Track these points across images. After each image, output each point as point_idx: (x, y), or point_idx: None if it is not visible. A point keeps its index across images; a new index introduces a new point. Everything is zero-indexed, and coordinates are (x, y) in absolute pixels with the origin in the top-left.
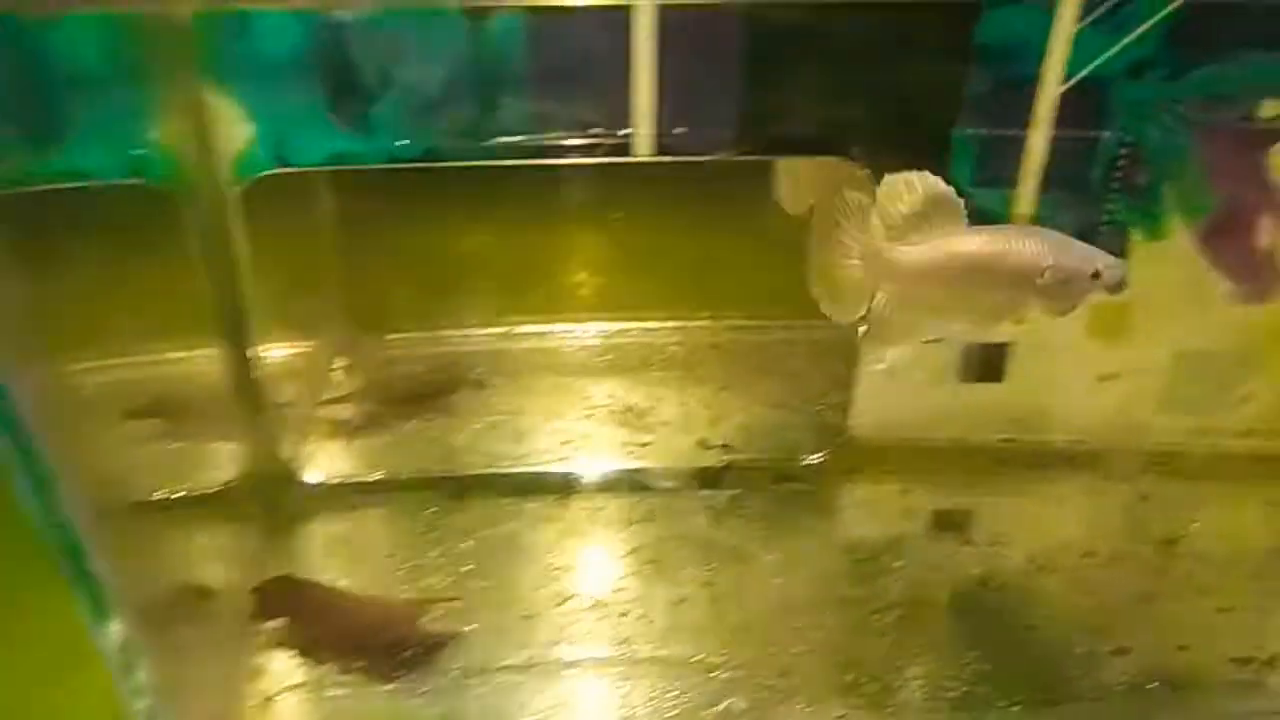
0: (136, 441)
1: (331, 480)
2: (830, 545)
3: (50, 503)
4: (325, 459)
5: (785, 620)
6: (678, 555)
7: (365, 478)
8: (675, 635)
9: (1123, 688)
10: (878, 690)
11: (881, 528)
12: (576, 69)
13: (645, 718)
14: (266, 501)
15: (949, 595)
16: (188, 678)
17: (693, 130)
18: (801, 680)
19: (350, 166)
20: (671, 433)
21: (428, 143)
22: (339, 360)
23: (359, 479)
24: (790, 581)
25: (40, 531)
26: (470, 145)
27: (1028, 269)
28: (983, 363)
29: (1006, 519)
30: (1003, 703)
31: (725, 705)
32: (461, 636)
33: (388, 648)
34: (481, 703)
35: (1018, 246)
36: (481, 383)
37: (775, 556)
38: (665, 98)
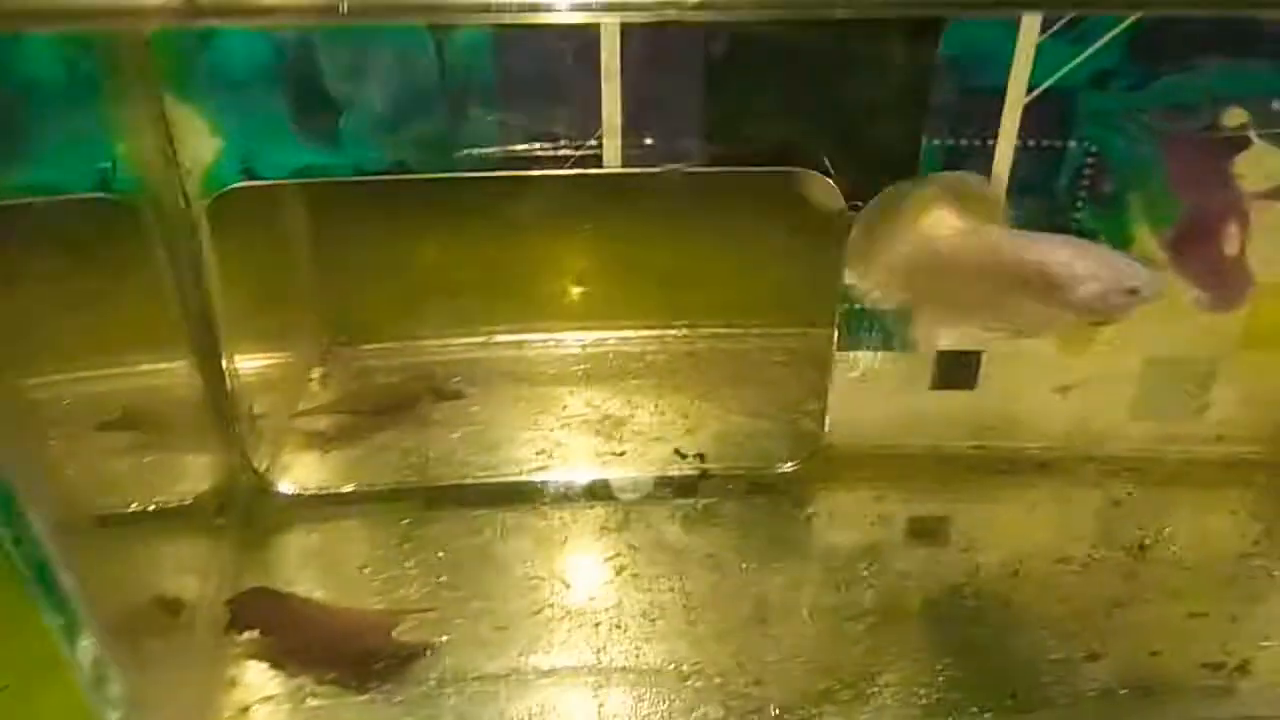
0: (110, 454)
1: (306, 491)
2: (805, 553)
3: (15, 520)
4: (299, 470)
5: (760, 628)
6: (653, 564)
7: (339, 489)
8: (650, 644)
9: (1095, 693)
10: (851, 697)
11: (855, 535)
12: (544, 83)
13: None
14: (240, 513)
15: (922, 602)
16: (162, 690)
17: (660, 142)
18: (776, 688)
19: (319, 180)
20: (647, 441)
21: (397, 155)
22: (313, 371)
23: (333, 490)
24: (765, 589)
25: (6, 550)
26: (438, 158)
27: (1066, 279)
28: (955, 370)
29: (980, 525)
30: (976, 709)
31: (700, 713)
32: (436, 647)
33: (362, 658)
34: (456, 712)
35: (1058, 256)
36: (457, 393)
37: (750, 564)
38: (631, 110)
